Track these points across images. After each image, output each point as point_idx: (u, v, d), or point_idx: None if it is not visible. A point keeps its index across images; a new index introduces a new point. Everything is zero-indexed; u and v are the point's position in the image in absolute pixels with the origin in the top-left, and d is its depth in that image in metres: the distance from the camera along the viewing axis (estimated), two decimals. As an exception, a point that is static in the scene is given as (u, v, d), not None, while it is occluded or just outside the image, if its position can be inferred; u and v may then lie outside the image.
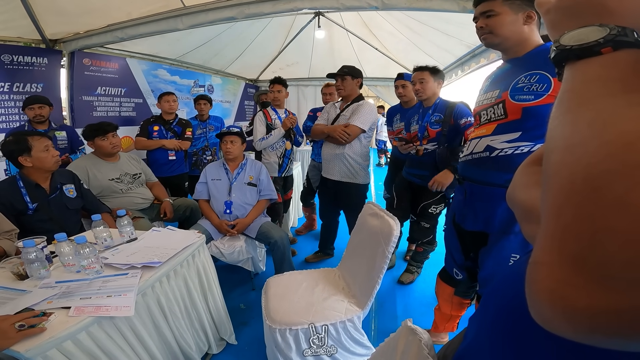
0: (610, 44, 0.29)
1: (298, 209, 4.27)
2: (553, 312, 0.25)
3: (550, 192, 0.27)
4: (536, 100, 1.25)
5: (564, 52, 0.32)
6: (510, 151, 1.34)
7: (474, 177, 1.50)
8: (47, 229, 1.84)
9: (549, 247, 0.26)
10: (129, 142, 3.97)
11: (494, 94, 1.41)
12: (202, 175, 2.67)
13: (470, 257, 1.63)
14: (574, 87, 0.30)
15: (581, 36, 0.31)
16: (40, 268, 1.41)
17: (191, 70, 5.18)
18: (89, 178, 2.48)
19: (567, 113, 0.29)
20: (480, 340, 0.51)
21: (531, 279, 0.27)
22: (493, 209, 1.42)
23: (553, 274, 0.25)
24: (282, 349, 1.60)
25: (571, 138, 0.27)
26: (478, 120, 1.51)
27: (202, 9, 2.88)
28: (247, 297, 2.58)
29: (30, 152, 1.92)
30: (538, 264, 0.27)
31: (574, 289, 0.23)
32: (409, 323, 0.91)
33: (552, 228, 0.26)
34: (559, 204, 0.26)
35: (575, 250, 0.24)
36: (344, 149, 2.64)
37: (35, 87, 3.19)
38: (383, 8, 2.64)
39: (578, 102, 0.29)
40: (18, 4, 2.69)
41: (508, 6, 1.34)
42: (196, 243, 1.81)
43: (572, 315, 0.24)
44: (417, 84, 2.41)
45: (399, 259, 3.25)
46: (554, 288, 0.25)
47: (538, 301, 0.26)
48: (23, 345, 1.02)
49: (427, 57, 4.62)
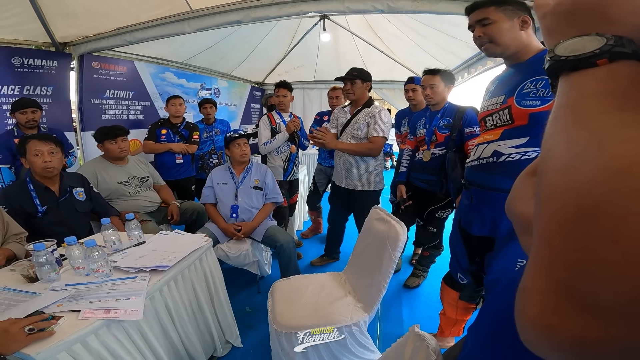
0: (607, 55, 0.27)
1: (304, 212, 4.27)
2: (540, 339, 0.25)
3: (542, 216, 0.26)
4: (543, 106, 1.25)
5: (558, 62, 0.30)
6: (518, 157, 1.34)
7: (481, 182, 1.49)
8: (56, 232, 1.86)
9: (539, 274, 0.25)
10: (137, 145, 4.00)
11: (499, 100, 1.41)
12: (208, 179, 2.67)
13: (475, 262, 1.63)
14: (569, 103, 0.29)
15: (577, 46, 0.29)
16: (50, 271, 1.42)
17: (198, 74, 5.22)
18: (97, 181, 2.51)
19: (562, 132, 0.28)
20: (477, 349, 0.51)
21: (520, 306, 0.27)
22: (500, 215, 1.41)
23: (541, 301, 0.24)
24: (287, 353, 1.61)
25: (565, 159, 0.26)
26: (484, 126, 1.50)
27: (208, 13, 2.91)
28: (253, 300, 2.59)
29: (26, 154, 1.96)
30: (527, 290, 0.26)
31: (562, 318, 0.23)
32: (416, 329, 0.91)
33: (542, 255, 0.25)
34: (551, 230, 0.25)
35: (564, 279, 0.23)
36: (355, 157, 2.60)
37: (45, 90, 3.23)
38: (389, 11, 2.64)
39: (573, 119, 0.27)
40: (28, 7, 2.73)
41: (502, 12, 1.34)
42: (203, 247, 1.83)
43: (559, 345, 0.24)
44: (428, 88, 2.36)
45: (405, 262, 3.24)
46: (542, 316, 0.24)
47: (526, 327, 0.26)
48: (33, 348, 1.03)
49: (433, 59, 4.61)
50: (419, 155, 2.50)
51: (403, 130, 3.11)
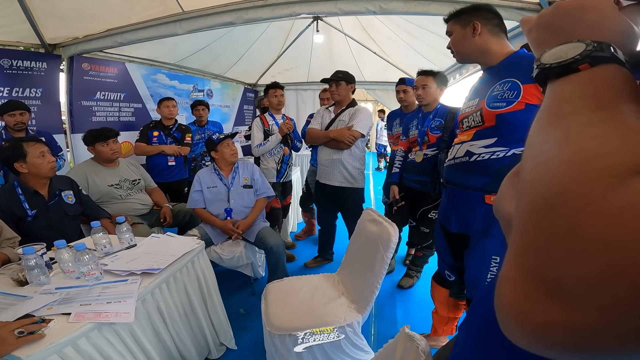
0: (587, 60, 0.29)
1: (297, 214, 4.27)
2: (514, 325, 0.26)
3: (518, 209, 0.28)
4: (508, 107, 1.30)
5: (544, 70, 0.32)
6: (487, 156, 1.38)
7: (456, 181, 1.54)
8: (46, 235, 1.84)
9: (514, 262, 0.27)
10: (129, 147, 3.96)
11: (475, 102, 1.47)
12: (195, 182, 2.57)
13: (459, 259, 1.66)
14: (549, 106, 0.30)
15: (560, 54, 0.31)
16: (40, 274, 1.41)
17: (190, 75, 5.19)
18: (88, 184, 2.48)
19: (540, 132, 0.30)
20: (468, 348, 0.51)
21: (497, 293, 0.28)
22: (472, 212, 1.46)
23: (515, 288, 0.26)
24: (282, 354, 1.60)
25: (539, 157, 0.28)
26: (461, 127, 1.55)
27: (200, 14, 2.90)
28: (247, 302, 2.58)
29: (26, 158, 1.91)
30: (504, 278, 0.27)
31: (533, 303, 0.24)
32: (406, 330, 0.92)
33: (516, 245, 0.27)
34: (524, 222, 0.27)
35: (534, 267, 0.25)
36: (342, 154, 2.67)
37: (35, 92, 3.18)
38: (381, 12, 2.66)
39: (550, 120, 0.29)
40: (17, 9, 2.70)
41: (458, 23, 1.45)
42: (195, 249, 1.82)
43: (531, 330, 0.25)
44: (420, 89, 2.40)
45: (399, 263, 3.26)
46: (515, 302, 0.26)
47: (502, 314, 0.27)
48: (24, 351, 1.02)
49: (426, 60, 4.64)
50: (411, 156, 2.52)
51: (395, 132, 3.13)
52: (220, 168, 2.62)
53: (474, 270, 1.50)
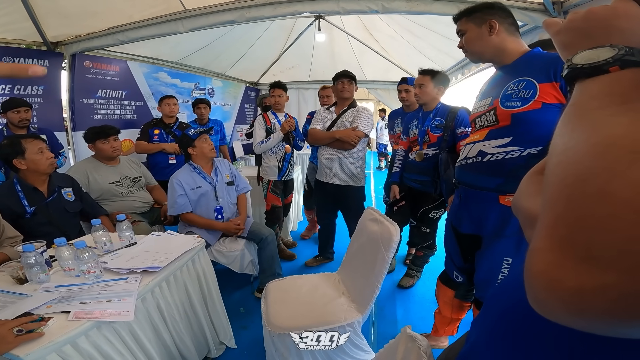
0: (618, 63, 0.31)
1: (298, 212, 4.27)
2: (546, 293, 0.27)
3: (547, 188, 0.30)
4: (524, 107, 1.28)
5: (574, 70, 0.34)
6: (501, 156, 1.36)
7: (468, 181, 1.52)
8: (46, 232, 1.84)
9: (544, 235, 0.29)
10: (130, 145, 3.97)
11: (487, 102, 1.44)
12: (176, 186, 2.34)
13: (469, 260, 1.64)
14: (578, 102, 0.33)
15: (592, 56, 0.33)
16: (39, 272, 1.40)
17: (192, 73, 5.20)
18: (89, 181, 2.48)
19: (568, 124, 0.32)
20: (482, 344, 0.51)
21: (527, 265, 0.29)
22: (485, 213, 1.44)
23: (546, 257, 0.27)
24: (281, 354, 1.60)
25: (568, 143, 0.30)
26: (474, 127, 1.53)
27: (202, 12, 2.90)
28: (247, 301, 2.58)
29: (24, 154, 1.91)
30: (534, 250, 0.29)
31: (564, 270, 0.26)
32: (408, 330, 0.91)
33: (547, 218, 0.29)
34: (554, 198, 0.29)
35: (564, 235, 0.27)
36: (344, 153, 2.67)
37: (36, 90, 3.19)
38: (383, 12, 2.66)
39: (578, 113, 0.32)
40: (20, 7, 2.70)
41: (472, 22, 1.42)
42: (196, 248, 1.81)
43: (563, 295, 0.26)
44: (417, 87, 2.42)
45: (399, 263, 3.25)
46: (546, 270, 0.27)
47: (533, 285, 0.29)
48: (23, 350, 1.02)
49: (428, 60, 4.63)
50: (412, 155, 2.51)
51: (396, 131, 3.12)
52: (201, 166, 2.48)
53: (485, 270, 1.49)
